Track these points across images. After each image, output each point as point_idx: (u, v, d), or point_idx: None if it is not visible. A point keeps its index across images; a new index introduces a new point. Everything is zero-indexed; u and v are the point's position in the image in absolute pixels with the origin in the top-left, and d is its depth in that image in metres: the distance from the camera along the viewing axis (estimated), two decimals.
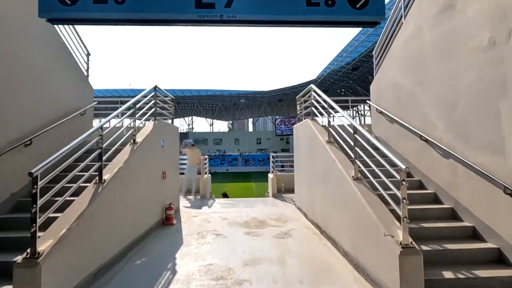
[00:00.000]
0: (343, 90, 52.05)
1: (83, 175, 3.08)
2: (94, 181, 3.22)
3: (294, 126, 6.54)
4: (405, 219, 2.36)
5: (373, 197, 3.06)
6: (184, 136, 67.75)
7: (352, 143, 3.52)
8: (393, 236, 2.48)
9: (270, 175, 8.90)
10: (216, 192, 28.54)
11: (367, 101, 5.79)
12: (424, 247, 2.88)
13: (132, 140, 4.28)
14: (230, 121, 76.41)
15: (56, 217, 2.64)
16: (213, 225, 5.26)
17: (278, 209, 6.71)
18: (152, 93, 5.36)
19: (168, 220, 5.36)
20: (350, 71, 41.51)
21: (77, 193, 3.01)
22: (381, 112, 5.19)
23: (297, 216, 5.89)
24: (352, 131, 3.48)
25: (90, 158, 3.14)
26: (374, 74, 5.70)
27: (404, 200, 2.38)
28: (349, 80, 47.00)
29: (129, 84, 62.35)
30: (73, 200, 2.91)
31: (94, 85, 5.87)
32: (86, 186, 3.15)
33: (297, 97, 6.53)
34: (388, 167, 2.93)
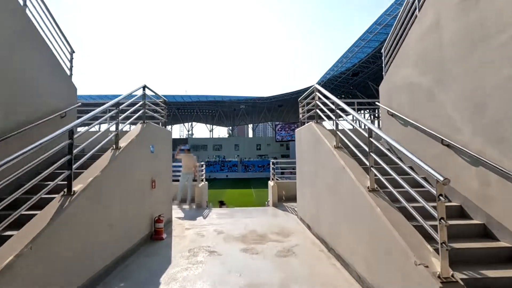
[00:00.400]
0: (343, 95, 51.83)
1: (48, 185, 2.58)
2: (61, 193, 2.71)
3: (296, 130, 6.05)
4: (444, 244, 1.85)
5: (396, 214, 2.54)
6: (183, 142, 67.42)
7: (366, 149, 3.02)
8: (427, 266, 1.96)
9: (270, 183, 8.37)
10: (215, 199, 27.90)
11: (376, 102, 5.31)
12: (458, 274, 2.36)
13: (114, 145, 3.78)
14: (230, 127, 76.02)
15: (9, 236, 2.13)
16: (207, 240, 4.72)
17: (279, 220, 6.16)
18: (141, 94, 4.90)
19: (157, 234, 4.82)
20: (350, 76, 41.32)
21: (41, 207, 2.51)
22: (392, 115, 4.71)
23: (301, 229, 5.35)
24: (366, 135, 2.99)
25: (55, 165, 2.64)
26: (383, 73, 5.24)
27: (442, 221, 1.88)
28: (349, 86, 46.81)
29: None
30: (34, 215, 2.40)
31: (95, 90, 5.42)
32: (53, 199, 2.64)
33: (299, 99, 6.06)
34: (416, 177, 2.40)
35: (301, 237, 4.86)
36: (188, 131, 73.50)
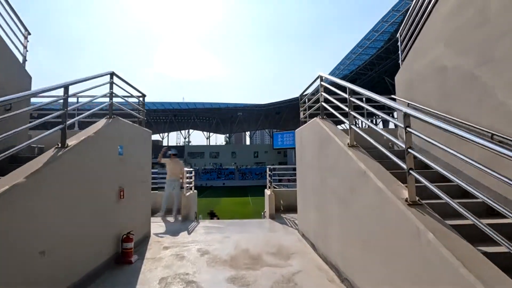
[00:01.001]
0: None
1: None
2: None
3: (296, 131, 5.17)
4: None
5: (460, 242, 1.63)
6: (179, 149, 66.20)
7: (401, 144, 2.14)
8: None
9: (267, 191, 7.42)
10: (208, 209, 26.75)
11: (392, 96, 4.46)
12: None
13: (58, 143, 2.86)
14: (227, 134, 75.12)
15: None
16: (187, 265, 3.75)
17: (277, 236, 5.20)
18: (108, 82, 4.01)
19: (124, 256, 3.84)
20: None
21: None
22: (414, 108, 3.86)
23: (303, 248, 4.41)
24: (403, 126, 2.10)
25: None
26: (400, 61, 4.42)
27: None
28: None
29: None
30: None
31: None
32: None
33: (300, 94, 5.22)
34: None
35: (304, 260, 3.92)
36: (185, 138, 72.54)
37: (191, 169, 7.59)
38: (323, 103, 4.01)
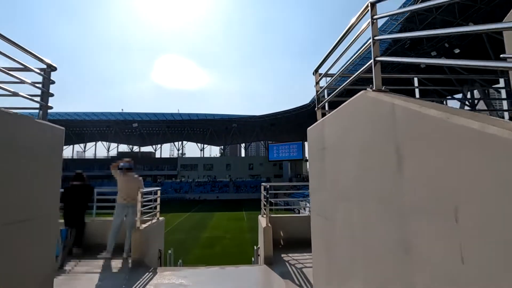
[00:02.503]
0: None
1: None
2: None
3: (309, 129, 3.01)
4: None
5: None
6: (171, 162, 63.54)
7: None
8: None
9: (261, 220, 5.25)
10: (200, 226, 24.40)
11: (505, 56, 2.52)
12: None
13: None
14: (222, 146, 72.98)
15: None
16: None
17: None
18: None
19: None
20: (344, 95, 39.59)
21: None
22: None
23: None
24: None
25: None
26: None
27: None
28: None
29: (121, 109, 59.27)
30: None
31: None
32: None
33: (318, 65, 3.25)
34: None
35: None
36: (178, 150, 70.20)
37: (157, 188, 5.46)
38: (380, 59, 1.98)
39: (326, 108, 2.80)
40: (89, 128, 61.43)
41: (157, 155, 69.60)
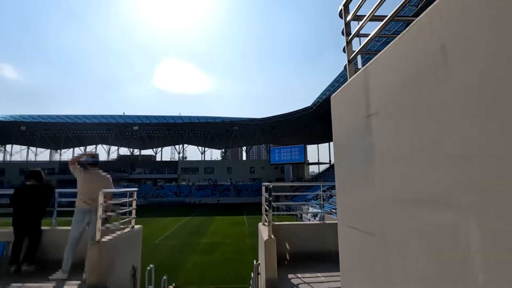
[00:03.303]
0: None
1: None
2: None
3: (333, 95, 2.04)
4: None
5: None
6: (171, 165, 62.70)
7: None
8: None
9: (262, 230, 4.28)
10: (197, 234, 23.60)
11: None
12: None
13: None
14: (223, 149, 72.29)
15: None
16: None
17: None
18: None
19: None
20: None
21: None
22: None
23: None
24: None
25: None
26: None
27: None
28: None
29: (123, 112, 58.56)
30: None
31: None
32: None
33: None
34: None
35: None
36: (179, 153, 69.60)
37: (132, 189, 4.53)
38: None
39: (359, 63, 2.02)
40: (89, 131, 61.04)
41: (158, 158, 69.00)
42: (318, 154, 66.79)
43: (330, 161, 63.39)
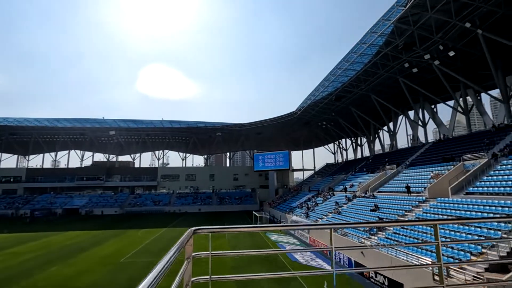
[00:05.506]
0: (324, 122, 49.10)
1: None
2: None
3: None
4: None
5: None
6: (151, 172, 59.72)
7: None
8: None
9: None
10: (170, 246, 20.77)
11: None
12: None
13: None
14: (206, 156, 70.09)
15: None
16: None
17: None
18: None
19: None
20: (333, 101, 38.53)
21: None
22: None
23: None
24: None
25: None
26: None
27: None
28: (331, 112, 44.10)
29: (102, 117, 55.30)
30: None
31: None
32: None
33: None
34: None
35: None
36: (159, 159, 66.61)
37: None
38: None
39: None
40: (61, 136, 57.04)
41: (136, 165, 65.71)
42: (302, 160, 66.08)
43: (314, 167, 62.88)
